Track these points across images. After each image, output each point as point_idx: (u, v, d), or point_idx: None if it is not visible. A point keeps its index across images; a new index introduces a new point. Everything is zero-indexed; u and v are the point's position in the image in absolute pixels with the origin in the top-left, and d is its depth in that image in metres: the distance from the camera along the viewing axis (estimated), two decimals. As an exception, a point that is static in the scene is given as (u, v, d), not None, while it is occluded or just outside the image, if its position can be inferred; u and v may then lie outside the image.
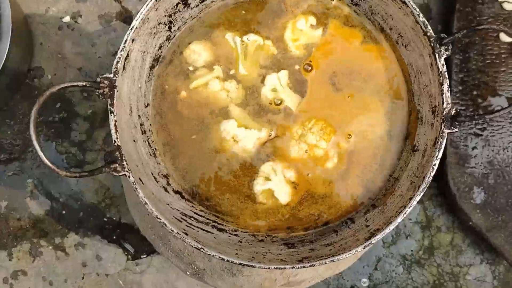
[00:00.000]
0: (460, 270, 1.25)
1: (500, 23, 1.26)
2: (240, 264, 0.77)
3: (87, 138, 1.24)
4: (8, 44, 1.07)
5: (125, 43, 0.80)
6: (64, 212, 1.23)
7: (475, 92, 1.23)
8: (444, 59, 0.84)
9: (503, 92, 1.23)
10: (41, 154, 0.68)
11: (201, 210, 0.89)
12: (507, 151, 1.22)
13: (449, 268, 1.25)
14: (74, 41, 1.26)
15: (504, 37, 1.25)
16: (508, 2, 1.26)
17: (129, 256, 1.21)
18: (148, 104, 0.92)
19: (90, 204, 1.23)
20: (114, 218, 1.22)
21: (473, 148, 1.21)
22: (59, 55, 1.26)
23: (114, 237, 1.22)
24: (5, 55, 1.07)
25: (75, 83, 0.73)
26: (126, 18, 1.27)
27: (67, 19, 1.26)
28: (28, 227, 1.22)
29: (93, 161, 1.23)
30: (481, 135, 1.21)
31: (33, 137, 0.68)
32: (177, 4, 0.91)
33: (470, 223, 1.20)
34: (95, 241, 1.22)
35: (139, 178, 0.79)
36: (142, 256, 1.20)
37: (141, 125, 0.90)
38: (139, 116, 0.89)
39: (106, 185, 1.22)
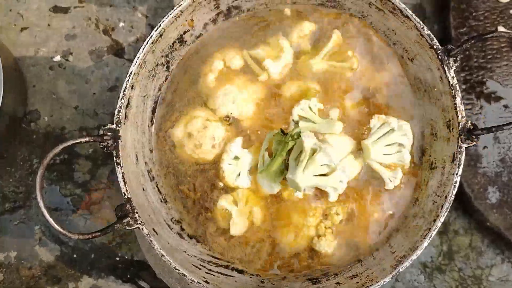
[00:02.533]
0: (482, 272, 1.23)
1: (496, 16, 1.25)
2: (266, 306, 0.74)
3: (91, 178, 1.21)
4: (2, 92, 1.04)
5: (124, 90, 0.77)
6: (75, 255, 1.20)
7: (479, 90, 1.21)
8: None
9: (507, 87, 1.21)
10: (51, 221, 0.66)
11: (220, 253, 0.86)
12: (518, 147, 1.20)
13: (471, 271, 1.23)
14: (67, 80, 1.24)
15: (503, 30, 1.23)
16: (503, -6, 1.25)
17: (146, 294, 1.19)
18: (153, 149, 0.89)
19: (101, 245, 1.20)
20: (126, 257, 1.20)
21: (484, 147, 1.19)
22: (53, 95, 1.23)
23: (129, 276, 1.19)
24: (0, 104, 1.04)
25: (79, 140, 0.71)
26: (118, 51, 1.24)
27: (57, 58, 1.24)
28: (40, 275, 1.19)
29: (99, 201, 1.21)
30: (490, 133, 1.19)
31: (41, 204, 0.66)
32: (173, 44, 0.88)
33: (488, 223, 1.18)
34: (109, 282, 1.20)
35: (153, 229, 0.77)
36: (158, 293, 1.18)
37: (148, 172, 0.87)
38: (145, 162, 0.87)
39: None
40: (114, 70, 1.24)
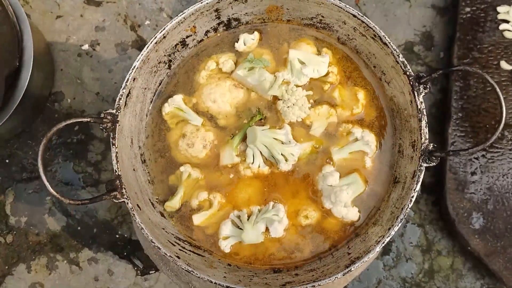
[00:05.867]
0: (460, 294, 1.27)
1: (501, 51, 1.29)
2: (227, 287, 0.82)
3: (102, 159, 1.32)
4: (30, 72, 1.16)
5: (126, 81, 0.87)
6: (79, 228, 1.30)
7: (475, 119, 1.26)
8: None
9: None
10: (47, 183, 0.76)
11: (194, 238, 0.95)
12: (507, 178, 1.24)
13: (449, 292, 1.27)
14: (92, 68, 1.35)
15: (504, 65, 1.28)
16: (510, 30, 1.29)
17: (138, 272, 1.28)
18: (148, 136, 0.99)
19: (104, 221, 1.30)
20: (126, 235, 1.29)
21: (472, 174, 1.24)
22: (78, 80, 1.34)
23: (125, 253, 1.29)
24: (27, 82, 1.15)
25: (80, 119, 0.81)
26: (141, 46, 1.35)
27: (86, 47, 1.35)
28: (45, 242, 1.30)
29: (108, 181, 1.30)
30: (481, 161, 1.24)
31: (41, 169, 0.76)
32: (175, 45, 0.98)
33: (469, 248, 1.22)
34: (107, 256, 1.30)
35: (137, 205, 0.86)
36: (150, 272, 1.27)
37: (141, 155, 0.97)
38: (139, 146, 0.97)
39: (118, 203, 1.30)
40: (136, 63, 1.34)
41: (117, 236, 1.30)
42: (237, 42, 1.04)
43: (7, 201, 1.30)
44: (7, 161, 1.32)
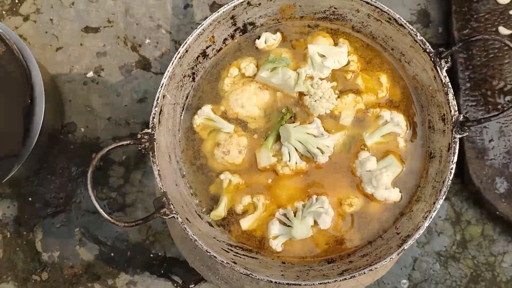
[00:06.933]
0: (495, 259, 1.29)
1: (497, 17, 1.32)
2: (287, 284, 0.84)
3: (124, 182, 1.32)
4: (43, 108, 1.16)
5: (157, 100, 0.89)
6: (112, 254, 1.30)
7: (483, 87, 1.28)
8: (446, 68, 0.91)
9: (511, 83, 1.28)
10: (101, 211, 0.77)
11: (243, 241, 0.97)
12: (523, 139, 1.27)
13: (484, 259, 1.29)
14: (100, 94, 1.35)
15: (503, 30, 1.31)
16: (502, -4, 1.32)
17: (178, 287, 1.29)
18: (183, 149, 1.01)
19: (136, 243, 1.30)
20: (160, 254, 1.30)
21: (490, 140, 1.26)
22: (88, 108, 1.35)
23: (162, 271, 1.29)
24: (42, 118, 1.15)
25: (121, 143, 0.82)
26: (145, 65, 1.36)
27: (90, 74, 1.36)
28: (81, 273, 1.30)
29: (133, 203, 1.31)
30: (495, 127, 1.26)
31: (93, 198, 0.76)
32: (197, 57, 1.00)
33: (498, 212, 1.24)
34: (145, 277, 1.30)
35: (186, 218, 0.87)
36: (190, 286, 1.27)
37: (180, 169, 0.99)
38: (177, 161, 0.98)
39: (148, 223, 1.30)
40: (143, 83, 1.35)
41: (151, 255, 1.30)
42: (258, 39, 1.06)
43: (37, 239, 1.30)
44: (30, 199, 1.31)
